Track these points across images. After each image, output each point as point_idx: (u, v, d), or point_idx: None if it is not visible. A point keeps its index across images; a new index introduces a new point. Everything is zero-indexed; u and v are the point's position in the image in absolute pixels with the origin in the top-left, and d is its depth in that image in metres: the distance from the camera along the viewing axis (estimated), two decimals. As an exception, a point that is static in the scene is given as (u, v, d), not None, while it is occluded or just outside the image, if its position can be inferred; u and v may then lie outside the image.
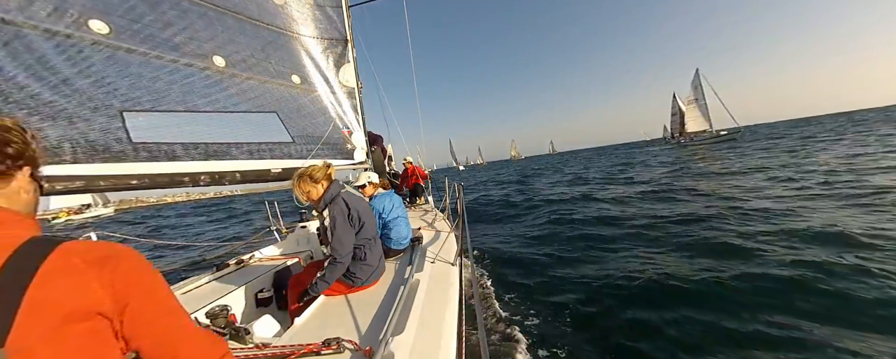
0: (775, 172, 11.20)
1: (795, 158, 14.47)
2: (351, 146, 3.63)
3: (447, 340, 1.42)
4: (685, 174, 14.22)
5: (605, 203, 9.64)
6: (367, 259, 1.97)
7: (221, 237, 9.08)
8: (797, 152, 16.68)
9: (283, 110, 2.99)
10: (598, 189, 12.99)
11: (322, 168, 1.97)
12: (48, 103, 1.59)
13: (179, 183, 1.98)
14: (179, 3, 2.43)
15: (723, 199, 8.06)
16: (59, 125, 1.60)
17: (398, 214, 2.75)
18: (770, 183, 9.39)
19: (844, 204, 6.26)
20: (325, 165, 2.00)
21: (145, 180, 1.81)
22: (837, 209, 5.99)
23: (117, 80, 1.92)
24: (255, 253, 2.96)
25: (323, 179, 1.95)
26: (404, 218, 2.79)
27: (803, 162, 12.65)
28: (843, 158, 12.20)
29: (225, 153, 2.35)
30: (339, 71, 3.43)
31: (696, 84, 54.74)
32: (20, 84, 1.53)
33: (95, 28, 1.92)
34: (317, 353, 1.31)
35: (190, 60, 2.39)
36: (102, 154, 1.70)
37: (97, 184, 1.63)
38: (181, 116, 2.19)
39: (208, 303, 1.92)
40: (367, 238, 1.99)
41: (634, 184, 13.25)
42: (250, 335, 1.49)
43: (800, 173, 10.10)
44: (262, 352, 1.34)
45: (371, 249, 1.99)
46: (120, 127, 1.84)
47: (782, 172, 10.75)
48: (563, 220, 8.15)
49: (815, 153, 15.25)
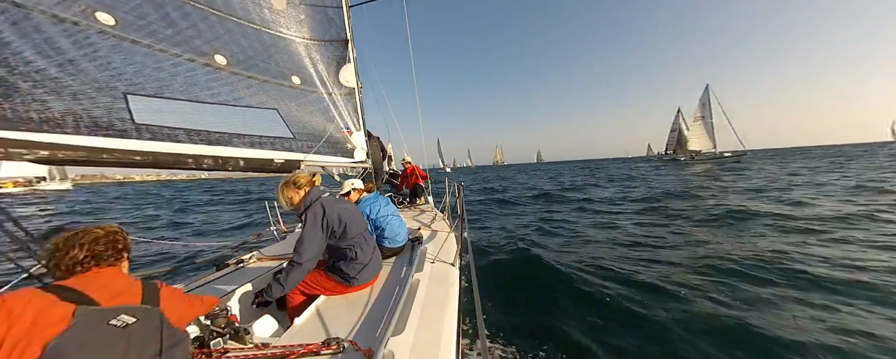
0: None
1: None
2: (351, 146, 3.64)
3: (447, 340, 1.43)
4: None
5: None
6: (358, 258, 1.95)
7: (221, 237, 8.94)
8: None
9: (284, 109, 3.02)
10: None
11: (306, 176, 2.01)
12: (53, 79, 1.60)
13: (183, 164, 1.96)
14: (182, 5, 2.52)
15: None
16: (64, 99, 1.60)
17: (388, 212, 2.76)
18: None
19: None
20: (310, 174, 2.04)
21: (149, 158, 1.79)
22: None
23: (122, 67, 1.95)
24: (254, 253, 2.90)
25: (305, 186, 1.96)
26: (396, 216, 2.80)
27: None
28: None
29: (227, 142, 2.35)
30: (339, 71, 3.51)
31: (705, 101, 51.63)
32: (27, 59, 1.54)
33: (102, 19, 1.97)
34: (317, 353, 1.31)
35: (192, 56, 2.44)
36: (105, 130, 1.69)
37: (100, 157, 1.61)
38: (184, 104, 2.21)
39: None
40: (355, 237, 1.97)
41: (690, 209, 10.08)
42: (250, 335, 1.48)
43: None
44: (262, 352, 1.33)
45: (361, 248, 1.97)
46: (123, 108, 1.84)
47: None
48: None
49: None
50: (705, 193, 13.14)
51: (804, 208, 8.84)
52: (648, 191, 15.35)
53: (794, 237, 6.24)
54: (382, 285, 2.09)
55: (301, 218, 1.87)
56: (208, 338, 1.39)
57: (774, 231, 6.74)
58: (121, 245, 1.10)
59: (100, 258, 1.02)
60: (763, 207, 9.07)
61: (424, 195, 5.85)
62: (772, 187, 13.71)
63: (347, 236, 1.94)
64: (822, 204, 9.33)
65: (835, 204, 9.22)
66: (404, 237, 2.77)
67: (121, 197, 31.24)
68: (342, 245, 1.93)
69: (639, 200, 12.59)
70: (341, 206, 2.01)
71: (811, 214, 8.09)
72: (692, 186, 16.05)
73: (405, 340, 1.36)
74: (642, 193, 14.59)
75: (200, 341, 1.38)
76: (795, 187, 13.28)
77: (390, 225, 2.69)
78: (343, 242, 1.93)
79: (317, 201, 1.90)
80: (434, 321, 1.56)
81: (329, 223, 1.86)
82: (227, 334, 1.44)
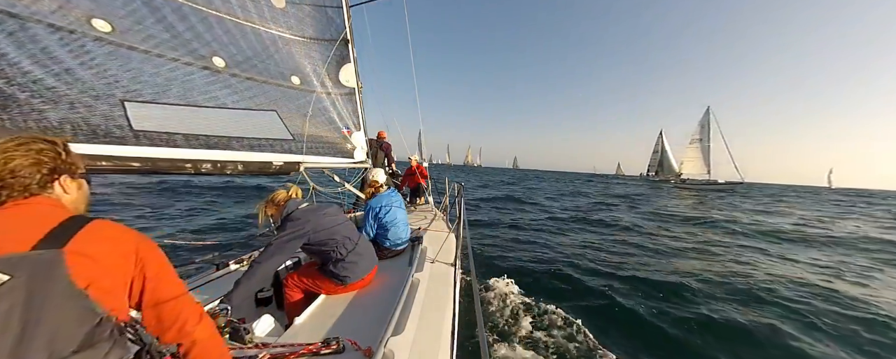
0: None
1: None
2: (351, 146, 3.64)
3: (447, 339, 1.43)
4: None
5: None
6: (347, 258, 1.97)
7: (221, 238, 9.04)
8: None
9: (283, 110, 3.03)
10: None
11: (283, 192, 2.06)
12: (51, 89, 1.62)
13: (181, 169, 1.98)
14: (180, 7, 2.52)
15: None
16: (61, 109, 1.62)
17: (396, 215, 2.75)
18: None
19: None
20: (286, 190, 2.09)
21: (148, 164, 1.81)
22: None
23: (119, 73, 1.96)
24: (254, 253, 2.93)
25: (282, 202, 2.02)
26: (403, 219, 2.80)
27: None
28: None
29: (226, 146, 2.36)
30: (339, 71, 3.50)
31: (704, 123, 49.40)
32: (24, 69, 1.56)
33: (98, 26, 1.98)
34: (316, 353, 1.32)
35: (190, 60, 2.45)
36: (103, 138, 1.71)
37: (99, 164, 1.64)
38: (182, 110, 2.22)
39: (208, 303, 1.92)
40: (337, 239, 1.99)
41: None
42: (250, 335, 1.49)
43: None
44: (262, 352, 1.33)
45: (346, 247, 2.00)
46: (121, 115, 1.86)
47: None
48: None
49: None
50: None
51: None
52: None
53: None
54: (382, 284, 2.10)
55: (279, 229, 1.91)
56: None
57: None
58: (49, 164, 0.78)
59: (10, 188, 0.73)
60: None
61: (425, 195, 5.85)
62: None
63: (331, 238, 1.97)
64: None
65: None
66: (406, 240, 2.78)
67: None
68: (325, 249, 1.97)
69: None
70: (318, 213, 2.03)
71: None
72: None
73: (405, 339, 1.36)
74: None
75: None
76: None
77: (394, 227, 2.70)
78: (325, 246, 1.97)
79: (294, 211, 1.94)
80: (434, 321, 1.56)
81: (305, 232, 1.89)
82: (227, 334, 1.44)
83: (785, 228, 11.11)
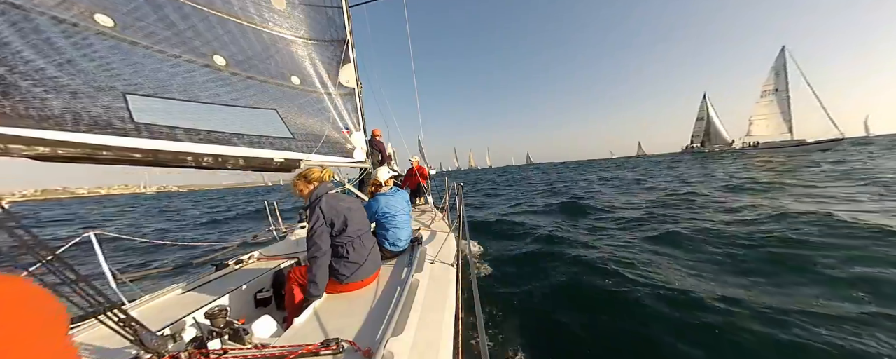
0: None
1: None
2: (350, 146, 3.64)
3: (446, 340, 1.43)
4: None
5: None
6: (350, 257, 1.97)
7: (220, 237, 8.83)
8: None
9: (283, 109, 3.03)
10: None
11: (318, 170, 2.12)
12: (53, 78, 1.61)
13: (182, 162, 1.97)
14: (181, 6, 2.54)
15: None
16: (63, 98, 1.61)
17: (398, 216, 2.71)
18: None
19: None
20: (321, 169, 2.15)
21: (149, 155, 1.80)
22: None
23: (121, 67, 1.96)
24: (254, 253, 2.91)
25: (315, 181, 2.07)
26: (406, 221, 2.77)
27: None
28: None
29: (227, 141, 2.35)
30: (339, 71, 3.52)
31: (779, 68, 36.05)
32: (26, 58, 1.55)
33: (101, 21, 1.98)
34: (316, 353, 1.31)
35: (191, 57, 2.45)
36: (105, 128, 1.70)
37: (100, 154, 1.62)
38: (183, 104, 2.22)
39: (208, 303, 1.92)
40: (352, 235, 2.00)
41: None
42: (249, 335, 1.48)
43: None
44: (261, 352, 1.33)
45: (354, 248, 2.00)
46: (122, 107, 1.85)
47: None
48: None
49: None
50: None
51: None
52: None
53: None
54: (382, 285, 2.09)
55: (306, 211, 1.95)
56: (207, 338, 1.38)
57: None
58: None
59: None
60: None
61: (425, 195, 5.85)
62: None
63: (345, 233, 1.97)
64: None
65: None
66: (407, 242, 2.74)
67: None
68: (336, 242, 1.96)
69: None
70: (345, 204, 2.04)
71: None
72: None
73: (405, 340, 1.36)
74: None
75: (199, 341, 1.37)
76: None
77: (395, 228, 2.66)
78: (339, 238, 1.96)
79: (322, 197, 1.96)
80: (433, 322, 1.56)
81: (330, 218, 1.91)
82: (227, 334, 1.43)
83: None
